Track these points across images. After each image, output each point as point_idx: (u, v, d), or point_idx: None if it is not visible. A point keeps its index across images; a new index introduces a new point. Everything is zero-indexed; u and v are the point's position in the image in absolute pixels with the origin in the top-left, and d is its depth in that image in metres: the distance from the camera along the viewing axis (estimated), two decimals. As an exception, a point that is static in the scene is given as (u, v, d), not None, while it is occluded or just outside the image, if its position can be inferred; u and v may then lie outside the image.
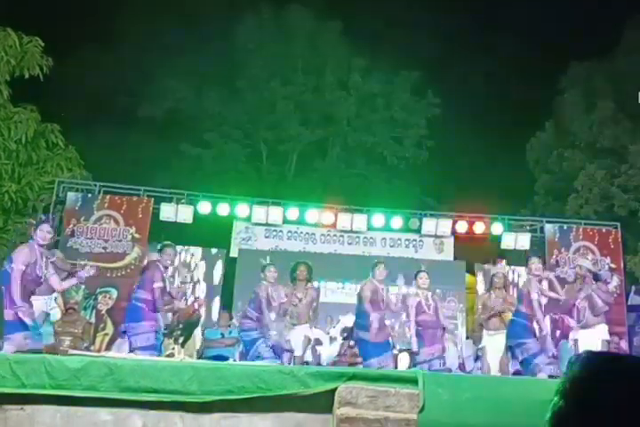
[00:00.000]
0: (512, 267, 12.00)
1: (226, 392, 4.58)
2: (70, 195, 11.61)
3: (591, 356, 1.17)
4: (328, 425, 4.48)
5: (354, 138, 20.60)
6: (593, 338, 8.04)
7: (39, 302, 6.94)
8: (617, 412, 1.05)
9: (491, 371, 8.38)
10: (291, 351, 8.45)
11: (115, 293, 10.97)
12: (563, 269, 11.92)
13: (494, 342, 8.52)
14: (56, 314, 8.69)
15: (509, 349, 8.07)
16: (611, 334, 8.50)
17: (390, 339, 9.02)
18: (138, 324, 7.55)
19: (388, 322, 10.48)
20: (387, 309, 8.50)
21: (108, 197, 11.71)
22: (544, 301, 8.49)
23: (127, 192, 11.99)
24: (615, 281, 9.04)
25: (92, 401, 4.54)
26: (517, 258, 12.31)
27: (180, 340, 8.61)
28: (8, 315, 6.29)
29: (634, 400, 1.06)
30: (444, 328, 8.74)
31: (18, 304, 6.31)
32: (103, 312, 10.82)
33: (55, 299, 8.08)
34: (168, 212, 11.75)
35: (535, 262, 8.37)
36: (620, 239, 12.44)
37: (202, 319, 10.21)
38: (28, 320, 6.34)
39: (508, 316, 8.42)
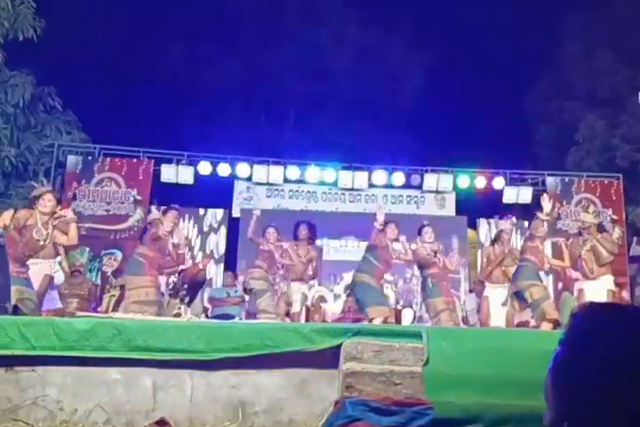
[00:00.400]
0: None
1: (233, 350, 4.63)
2: (70, 158, 11.61)
3: (594, 306, 1.18)
4: (334, 380, 4.54)
5: (350, 93, 20.35)
6: (598, 288, 8.08)
7: (43, 266, 6.93)
8: (617, 361, 1.07)
9: (494, 322, 8.44)
10: (289, 305, 8.48)
11: (119, 254, 11.06)
12: (564, 221, 11.97)
13: (497, 295, 8.56)
14: (60, 277, 8.75)
15: (516, 294, 8.05)
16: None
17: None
18: (138, 277, 7.42)
19: (390, 278, 10.57)
20: (389, 268, 8.52)
21: (108, 159, 11.71)
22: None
23: (127, 154, 11.98)
24: (617, 232, 9.04)
25: (101, 361, 4.59)
26: (518, 211, 12.31)
27: (186, 300, 8.69)
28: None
29: (634, 349, 1.07)
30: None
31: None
32: (109, 274, 10.92)
33: (59, 262, 8.09)
34: (168, 173, 11.77)
35: (538, 225, 8.35)
36: (621, 191, 12.45)
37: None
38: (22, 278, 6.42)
39: (511, 270, 8.42)
